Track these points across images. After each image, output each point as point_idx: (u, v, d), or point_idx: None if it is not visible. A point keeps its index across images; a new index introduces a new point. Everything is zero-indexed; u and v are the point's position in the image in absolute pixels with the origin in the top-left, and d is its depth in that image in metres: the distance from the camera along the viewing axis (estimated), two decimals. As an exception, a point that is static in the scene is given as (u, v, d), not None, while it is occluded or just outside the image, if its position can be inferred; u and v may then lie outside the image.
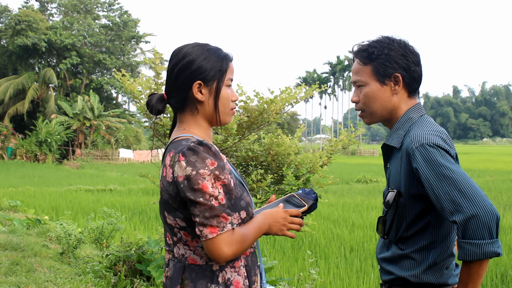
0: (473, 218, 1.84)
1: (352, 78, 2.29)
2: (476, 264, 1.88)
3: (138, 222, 10.95)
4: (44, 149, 39.20)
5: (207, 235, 1.77)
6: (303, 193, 2.16)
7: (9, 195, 15.28)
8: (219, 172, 1.80)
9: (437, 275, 2.10)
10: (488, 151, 71.40)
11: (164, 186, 1.88)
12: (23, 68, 46.11)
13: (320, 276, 6.44)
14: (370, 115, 2.28)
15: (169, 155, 1.87)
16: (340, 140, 5.72)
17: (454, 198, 1.89)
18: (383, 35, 2.24)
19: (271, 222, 1.98)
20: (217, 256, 1.78)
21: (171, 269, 1.95)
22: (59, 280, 5.79)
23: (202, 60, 1.94)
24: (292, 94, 5.32)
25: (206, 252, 1.81)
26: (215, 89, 1.96)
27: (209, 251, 1.79)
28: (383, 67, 2.18)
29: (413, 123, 2.18)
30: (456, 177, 1.91)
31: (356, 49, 2.27)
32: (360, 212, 12.77)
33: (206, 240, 1.78)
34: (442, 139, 2.04)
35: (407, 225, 2.13)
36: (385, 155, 2.32)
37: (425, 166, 1.98)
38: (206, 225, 1.76)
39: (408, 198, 2.11)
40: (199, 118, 1.99)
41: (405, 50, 2.18)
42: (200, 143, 1.82)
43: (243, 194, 1.93)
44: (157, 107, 2.01)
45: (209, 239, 1.77)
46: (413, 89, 2.23)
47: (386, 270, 2.23)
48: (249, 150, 5.61)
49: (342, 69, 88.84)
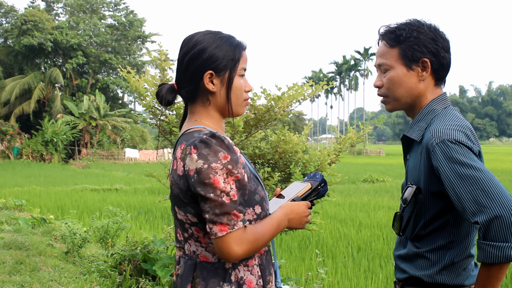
0: (497, 219, 1.72)
1: (377, 61, 2.17)
2: (496, 267, 1.77)
3: (143, 221, 10.91)
4: (50, 148, 39.24)
5: (216, 233, 1.68)
6: (308, 177, 2.08)
7: (15, 194, 15.28)
8: (232, 167, 1.71)
9: (452, 276, 1.99)
10: (495, 151, 71.11)
11: (174, 179, 1.79)
12: (29, 68, 46.20)
13: (328, 276, 6.37)
14: (394, 101, 2.15)
15: (180, 148, 1.79)
16: (348, 137, 5.65)
17: (476, 198, 1.77)
18: (413, 18, 2.11)
19: (293, 216, 1.90)
20: (226, 255, 1.70)
21: (182, 267, 1.86)
22: (63, 279, 5.73)
23: (213, 48, 1.84)
24: (299, 91, 5.25)
25: (216, 250, 1.72)
26: (227, 79, 1.87)
27: (218, 249, 1.70)
28: (411, 51, 2.05)
29: (435, 116, 2.05)
30: (479, 176, 1.79)
31: (383, 31, 2.14)
32: (367, 211, 12.70)
33: (215, 238, 1.69)
34: (465, 134, 1.91)
35: (425, 223, 2.03)
36: (405, 146, 2.21)
37: (446, 164, 1.85)
38: (216, 223, 1.68)
39: (428, 195, 2.00)
40: (210, 109, 1.90)
41: (435, 35, 2.06)
42: (213, 135, 1.73)
43: (257, 188, 1.84)
44: (167, 98, 1.92)
45: (219, 237, 1.68)
46: (441, 77, 2.11)
47: (401, 268, 2.14)
48: (256, 147, 5.55)
49: (348, 68, 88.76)
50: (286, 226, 1.89)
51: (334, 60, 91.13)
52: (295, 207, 1.91)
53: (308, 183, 2.03)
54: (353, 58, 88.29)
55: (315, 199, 2.04)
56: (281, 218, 1.86)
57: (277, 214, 1.86)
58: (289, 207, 1.91)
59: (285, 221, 1.87)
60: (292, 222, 1.90)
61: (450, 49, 2.10)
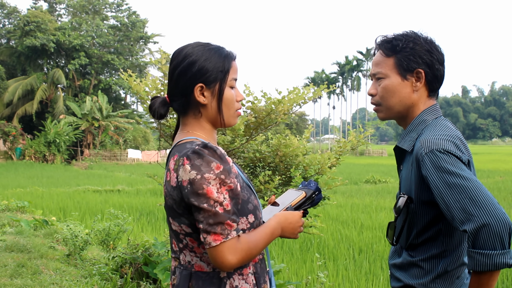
0: (485, 227, 1.74)
1: (372, 70, 2.19)
2: (486, 275, 1.79)
3: (145, 223, 10.91)
4: (53, 149, 39.30)
5: (210, 243, 1.70)
6: (302, 185, 2.09)
7: (17, 195, 15.31)
8: (225, 176, 1.73)
9: (446, 284, 2.01)
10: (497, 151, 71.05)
11: (168, 191, 1.81)
12: (32, 68, 46.27)
13: (328, 278, 6.37)
14: (387, 110, 2.17)
15: (173, 159, 1.81)
16: (349, 141, 5.64)
17: (464, 207, 1.79)
18: (410, 30, 2.15)
19: (286, 225, 1.92)
20: (221, 264, 1.72)
21: (178, 277, 1.88)
22: (64, 283, 5.74)
23: (203, 61, 1.86)
24: (300, 94, 5.24)
25: (210, 260, 1.74)
26: (218, 91, 1.88)
27: (213, 259, 1.72)
28: (406, 61, 2.08)
29: (426, 126, 2.08)
30: (467, 185, 1.81)
31: (380, 40, 2.17)
32: (369, 213, 12.68)
33: (209, 247, 1.71)
34: (454, 144, 1.93)
35: (418, 232, 2.05)
36: (397, 157, 2.24)
37: (435, 174, 1.88)
38: (210, 232, 1.70)
39: (419, 204, 2.02)
40: (202, 121, 1.92)
41: (431, 47, 2.09)
42: (205, 146, 1.75)
43: (250, 197, 1.86)
44: (160, 111, 1.94)
45: (213, 246, 1.70)
46: (434, 89, 2.14)
47: (395, 277, 2.16)
48: (257, 151, 5.54)
49: (350, 69, 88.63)
50: (279, 235, 1.91)
51: (337, 61, 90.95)
52: (289, 216, 1.93)
53: (303, 191, 2.05)
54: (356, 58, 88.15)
55: (309, 207, 2.05)
56: (274, 227, 1.88)
57: (271, 223, 1.88)
58: (283, 216, 1.93)
59: (278, 230, 1.89)
60: (285, 231, 1.92)
61: (444, 62, 2.13)
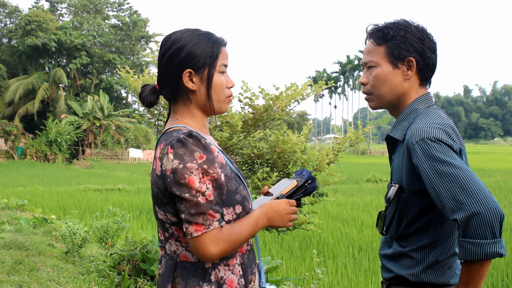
0: (475, 216, 1.72)
1: (363, 59, 2.17)
2: (477, 265, 1.77)
3: (145, 221, 10.91)
4: (54, 148, 39.32)
5: (192, 233, 1.68)
6: (295, 175, 2.07)
7: (18, 194, 15.31)
8: (208, 166, 1.70)
9: (437, 275, 1.99)
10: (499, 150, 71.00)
11: (154, 179, 1.79)
12: (33, 68, 46.34)
13: (327, 275, 6.36)
14: (378, 99, 2.15)
15: (160, 147, 1.78)
16: (348, 137, 5.62)
17: (455, 195, 1.77)
18: (401, 18, 2.12)
19: (272, 214, 1.87)
20: (202, 255, 1.70)
21: (163, 266, 1.86)
22: (62, 279, 5.73)
23: (191, 46, 1.83)
24: (298, 90, 5.22)
25: (192, 250, 1.72)
26: (206, 77, 1.85)
27: (194, 249, 1.70)
28: (397, 49, 2.06)
29: (417, 115, 2.06)
30: (458, 173, 1.79)
31: (371, 29, 2.15)
32: (369, 211, 12.67)
33: (191, 238, 1.69)
34: (446, 132, 1.91)
35: (408, 222, 2.03)
36: (389, 147, 2.21)
37: (425, 162, 1.86)
38: (192, 223, 1.68)
39: (410, 194, 2.00)
40: (192, 107, 1.89)
41: (422, 35, 2.07)
42: (190, 134, 1.72)
43: (239, 188, 1.83)
44: (149, 99, 1.92)
45: (194, 237, 1.68)
46: (426, 77, 2.12)
47: (386, 268, 2.14)
48: (255, 147, 5.53)
49: (352, 68, 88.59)
50: (266, 225, 1.87)
51: (338, 60, 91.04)
52: (274, 205, 1.90)
53: (294, 180, 2.02)
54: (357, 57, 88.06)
55: (302, 196, 2.03)
56: (258, 217, 1.84)
57: (254, 213, 1.85)
58: (268, 205, 1.89)
59: (263, 220, 1.85)
60: (273, 220, 1.88)
61: (436, 50, 2.10)
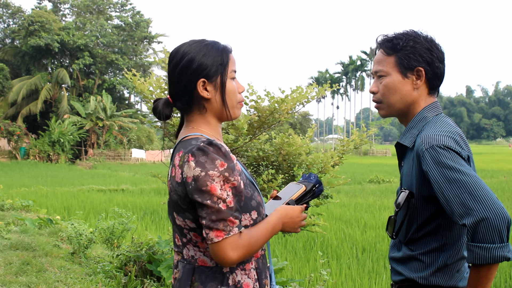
0: (483, 221, 1.79)
1: (374, 68, 2.25)
2: (485, 268, 1.84)
3: (149, 222, 10.95)
4: (57, 149, 39.38)
5: (212, 239, 1.74)
6: (303, 179, 2.12)
7: (22, 195, 15.35)
8: (229, 174, 1.75)
9: (446, 278, 2.06)
10: (501, 151, 70.91)
11: (173, 186, 1.84)
12: (36, 68, 46.43)
13: (331, 277, 6.39)
14: (388, 107, 2.23)
15: (178, 155, 1.83)
16: (352, 140, 5.66)
17: (464, 201, 1.85)
18: (410, 29, 2.19)
19: (287, 220, 1.95)
20: (222, 260, 1.75)
21: (180, 271, 1.91)
22: (69, 280, 5.78)
23: (201, 56, 1.89)
24: (303, 93, 5.26)
25: (212, 255, 1.77)
26: (220, 84, 1.91)
27: (214, 254, 1.76)
28: (407, 59, 2.13)
29: (426, 123, 2.13)
30: (466, 180, 1.87)
31: (381, 40, 2.22)
32: (372, 212, 12.69)
33: (211, 243, 1.75)
34: (454, 140, 1.99)
35: (418, 226, 2.10)
36: (399, 153, 2.28)
37: (435, 169, 1.93)
38: (212, 228, 1.73)
39: (420, 199, 2.07)
40: (207, 116, 1.94)
41: (431, 45, 2.14)
42: (210, 143, 1.77)
43: (253, 194, 1.89)
44: (165, 112, 1.97)
45: (215, 242, 1.74)
46: (434, 86, 2.19)
47: (396, 271, 2.21)
48: (260, 150, 5.56)
49: (354, 69, 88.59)
50: (280, 230, 1.94)
51: (341, 61, 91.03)
52: (290, 211, 1.96)
53: (303, 185, 2.08)
54: (360, 58, 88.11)
55: (310, 200, 2.09)
56: (275, 222, 1.90)
57: (271, 218, 1.90)
58: (284, 210, 1.95)
59: (279, 225, 1.92)
60: (286, 225, 1.95)
61: (444, 60, 2.17)
